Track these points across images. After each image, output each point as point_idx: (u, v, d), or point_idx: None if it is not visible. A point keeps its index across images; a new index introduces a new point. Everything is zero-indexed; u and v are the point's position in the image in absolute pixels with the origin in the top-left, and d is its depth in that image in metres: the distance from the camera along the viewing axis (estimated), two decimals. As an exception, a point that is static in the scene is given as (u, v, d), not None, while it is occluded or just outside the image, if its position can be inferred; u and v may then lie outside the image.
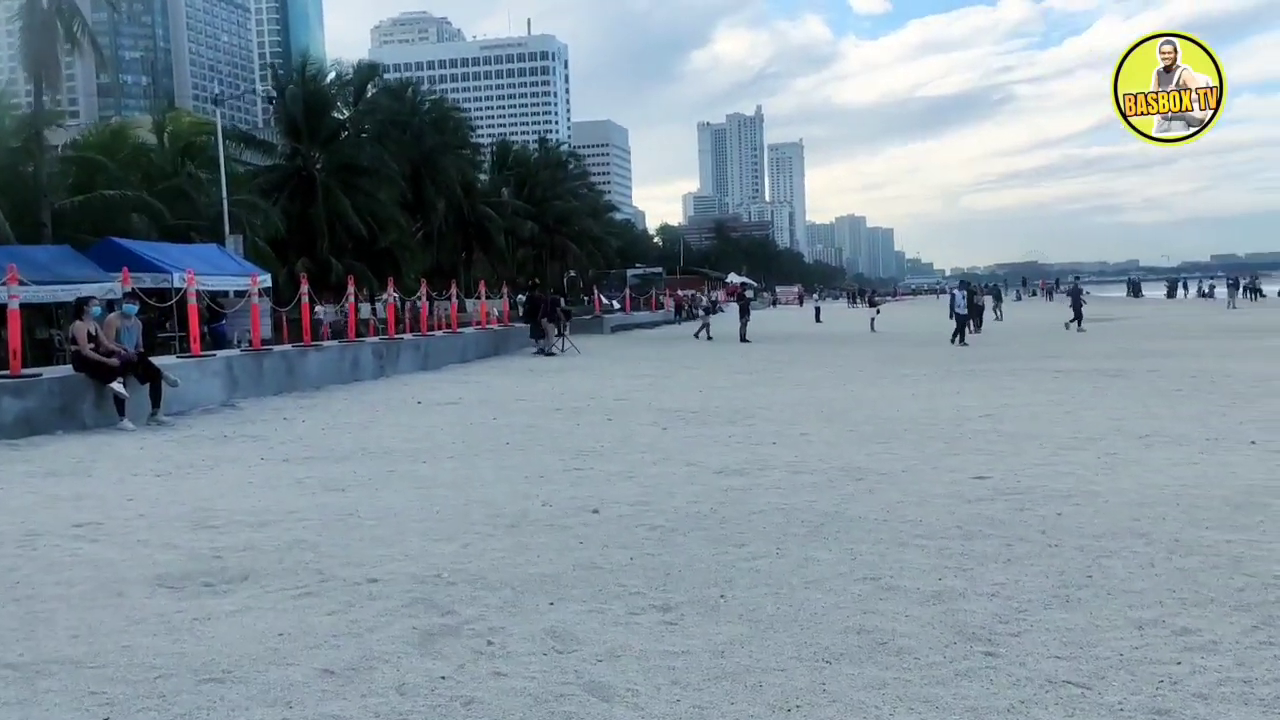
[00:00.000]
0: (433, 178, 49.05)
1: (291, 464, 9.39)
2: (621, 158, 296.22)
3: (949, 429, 10.31)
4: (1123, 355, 21.10)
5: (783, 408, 13.00)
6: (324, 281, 36.37)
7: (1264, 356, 19.62)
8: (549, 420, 12.43)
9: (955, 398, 13.46)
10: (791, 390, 15.43)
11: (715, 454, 9.18)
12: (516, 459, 9.34)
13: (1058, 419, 10.82)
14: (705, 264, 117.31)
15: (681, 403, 14.05)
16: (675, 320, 53.14)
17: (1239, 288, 60.18)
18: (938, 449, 8.94)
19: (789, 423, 11.47)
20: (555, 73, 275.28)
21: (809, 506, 6.65)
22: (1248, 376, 15.07)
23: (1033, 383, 15.30)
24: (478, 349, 24.83)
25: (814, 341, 31.46)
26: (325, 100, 41.52)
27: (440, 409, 13.98)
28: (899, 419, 11.31)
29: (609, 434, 11.02)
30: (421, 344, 22.11)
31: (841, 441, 9.70)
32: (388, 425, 12.33)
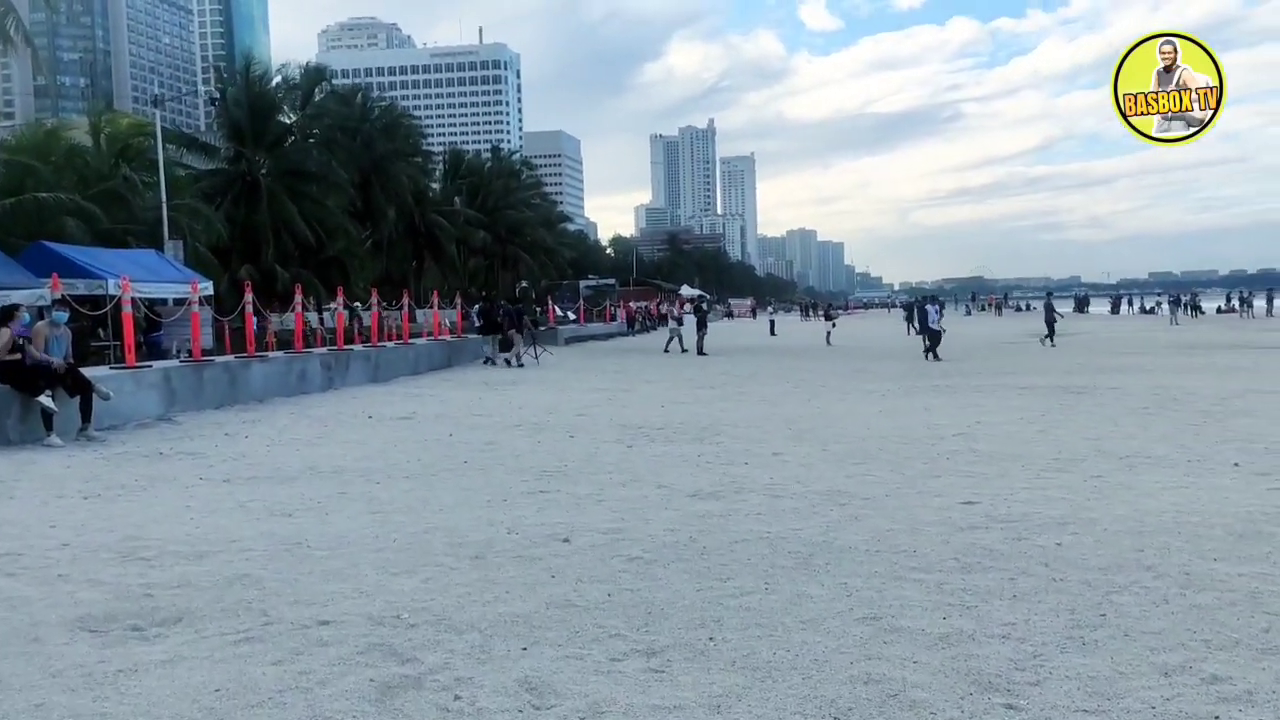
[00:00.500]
0: (383, 185, 48.23)
1: (233, 485, 8.80)
2: (574, 168, 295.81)
3: (925, 448, 9.97)
4: (1081, 371, 21.03)
5: (749, 424, 12.61)
6: (269, 290, 35.47)
7: (1217, 373, 19.65)
8: (509, 437, 11.92)
9: (924, 414, 13.15)
10: (756, 406, 15.05)
11: (686, 475, 8.74)
12: (477, 480, 8.83)
13: (1033, 438, 10.53)
14: (658, 275, 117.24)
15: (644, 418, 13.61)
16: (629, 332, 52.71)
17: (1180, 305, 61.18)
18: (918, 470, 8.57)
19: (758, 440, 11.07)
20: (507, 81, 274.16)
21: (794, 535, 6.23)
22: (1209, 394, 14.96)
23: (999, 399, 15.07)
24: (430, 360, 24.20)
25: (772, 355, 31.21)
26: (271, 103, 40.54)
27: (393, 424, 13.41)
28: (871, 437, 10.96)
29: (572, 452, 10.54)
30: (372, 355, 21.46)
31: (816, 462, 9.31)
32: (338, 442, 11.75)
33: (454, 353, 26.08)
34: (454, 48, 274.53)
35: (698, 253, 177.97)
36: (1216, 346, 31.61)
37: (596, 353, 33.54)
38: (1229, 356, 25.72)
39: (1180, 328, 51.74)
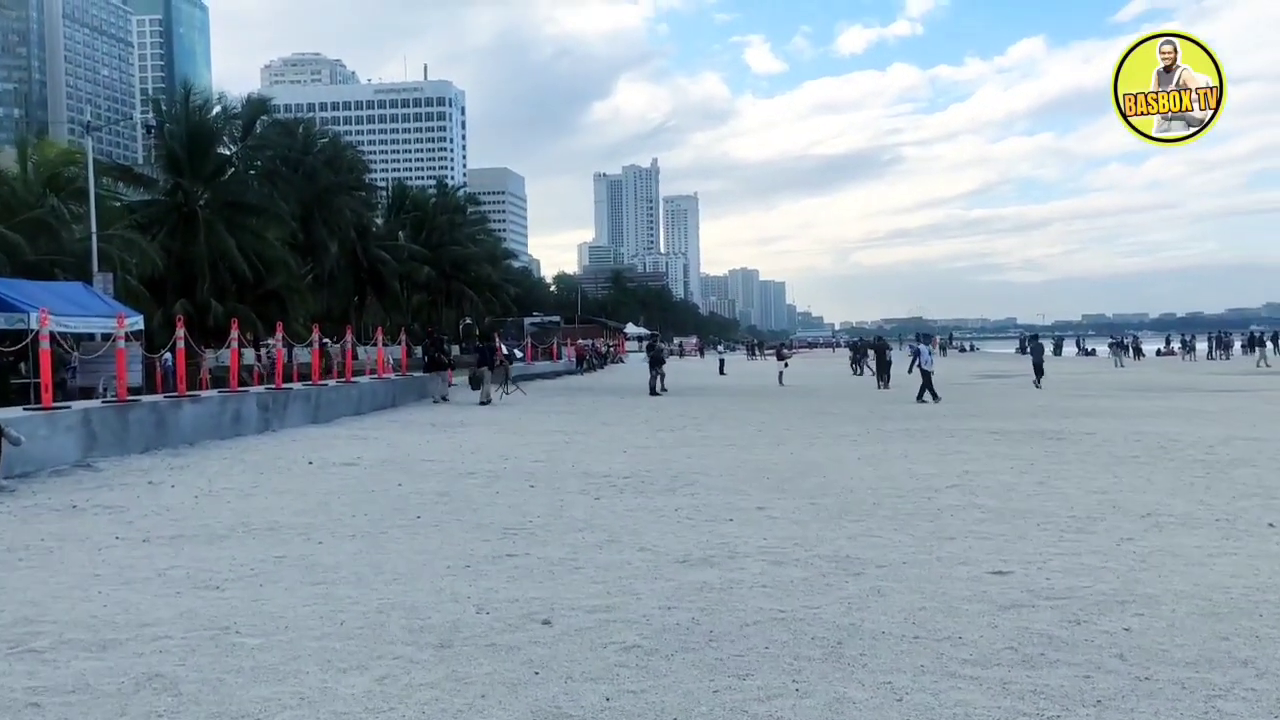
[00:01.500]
0: (325, 218, 46.92)
1: (153, 546, 7.72)
2: (518, 205, 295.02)
3: (922, 502, 9.17)
4: (1046, 414, 20.52)
5: (721, 473, 11.75)
6: (205, 325, 34.02)
7: (1184, 417, 19.25)
8: (464, 486, 10.92)
9: (906, 463, 12.40)
10: (724, 451, 14.20)
11: (669, 535, 7.84)
12: (433, 540, 7.84)
13: (1034, 491, 9.79)
14: (603, 313, 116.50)
15: (608, 465, 12.69)
16: (577, 370, 51.77)
17: (1124, 347, 61.83)
18: (926, 530, 7.75)
19: (736, 492, 10.21)
20: (451, 119, 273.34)
21: (813, 615, 5.35)
22: (1192, 441, 14.42)
23: (977, 445, 14.39)
24: (374, 400, 23.06)
25: (726, 395, 30.45)
26: (210, 133, 39.18)
27: (336, 471, 12.33)
28: (858, 489, 10.15)
29: (536, 505, 9.59)
30: (312, 394, 20.28)
31: (809, 519, 8.46)
32: (274, 492, 10.66)
33: (399, 391, 24.95)
34: (398, 84, 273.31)
35: (642, 291, 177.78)
36: (1170, 389, 31.51)
37: (546, 392, 32.54)
38: (1187, 399, 25.47)
39: (1125, 370, 52.11)
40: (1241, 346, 69.53)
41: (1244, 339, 74.05)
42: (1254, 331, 53.48)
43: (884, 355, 36.38)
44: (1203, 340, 67.00)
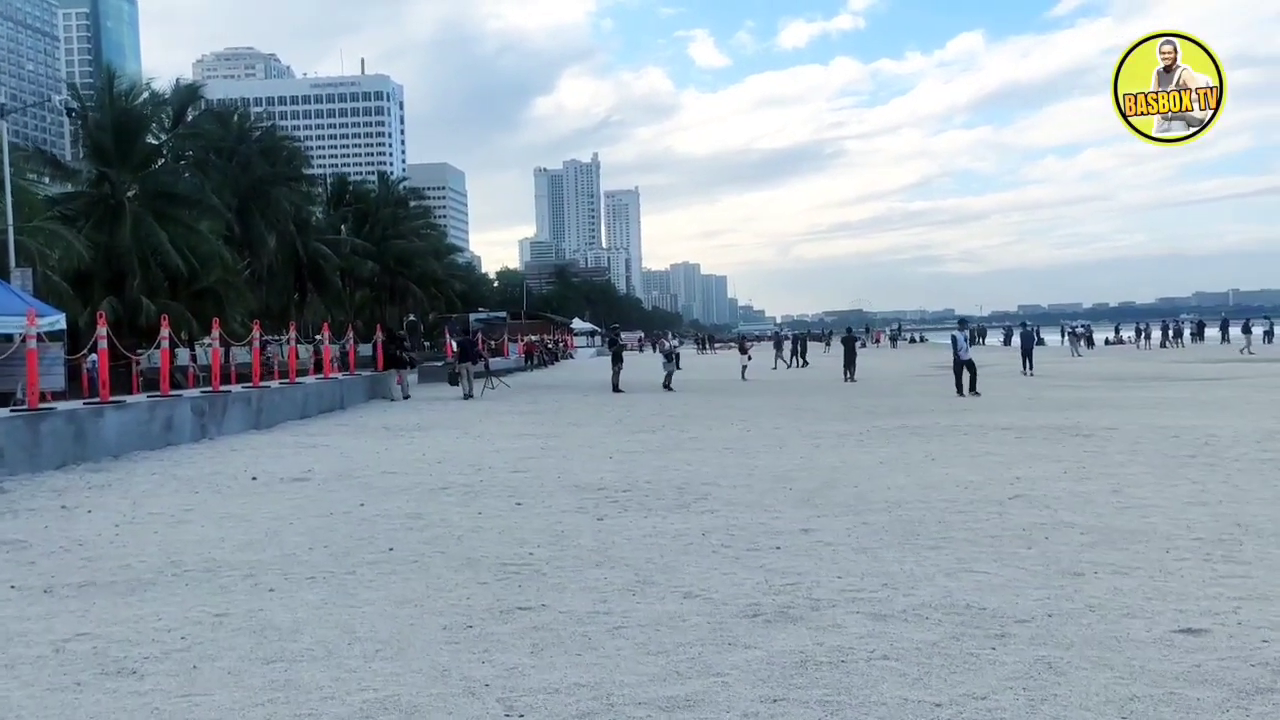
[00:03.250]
0: (262, 211, 44.70)
1: (55, 600, 6.02)
2: (458, 201, 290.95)
3: (996, 520, 7.74)
4: (1044, 407, 19.34)
5: (732, 483, 10.25)
6: (135, 324, 31.80)
7: (1197, 409, 18.18)
8: (438, 505, 9.29)
9: (937, 466, 11.00)
10: (721, 456, 12.71)
11: (712, 570, 6.31)
12: (416, 584, 6.23)
13: (1117, 503, 8.41)
14: (547, 309, 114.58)
15: (598, 474, 11.13)
16: (526, 367, 49.97)
17: (1079, 337, 61.81)
18: (1034, 562, 6.29)
19: (762, 508, 8.72)
20: (390, 113, 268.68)
21: (987, 713, 3.84)
22: (1234, 436, 13.24)
23: (999, 443, 13.05)
24: (320, 402, 21.22)
25: (690, 391, 28.95)
26: (138, 121, 36.82)
27: (285, 488, 10.61)
28: (906, 502, 8.70)
29: (531, 529, 8.00)
30: (253, 397, 18.42)
31: (873, 544, 6.98)
32: (212, 517, 8.95)
33: (347, 392, 23.11)
34: (335, 79, 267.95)
35: (586, 285, 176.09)
36: (1144, 378, 30.72)
37: (501, 389, 30.79)
38: (1175, 390, 24.55)
39: (1084, 359, 51.63)
40: (1190, 334, 70.48)
41: (1193, 326, 75.18)
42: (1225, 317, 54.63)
43: (852, 348, 35.34)
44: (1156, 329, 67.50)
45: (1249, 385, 24.94)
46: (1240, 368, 34.43)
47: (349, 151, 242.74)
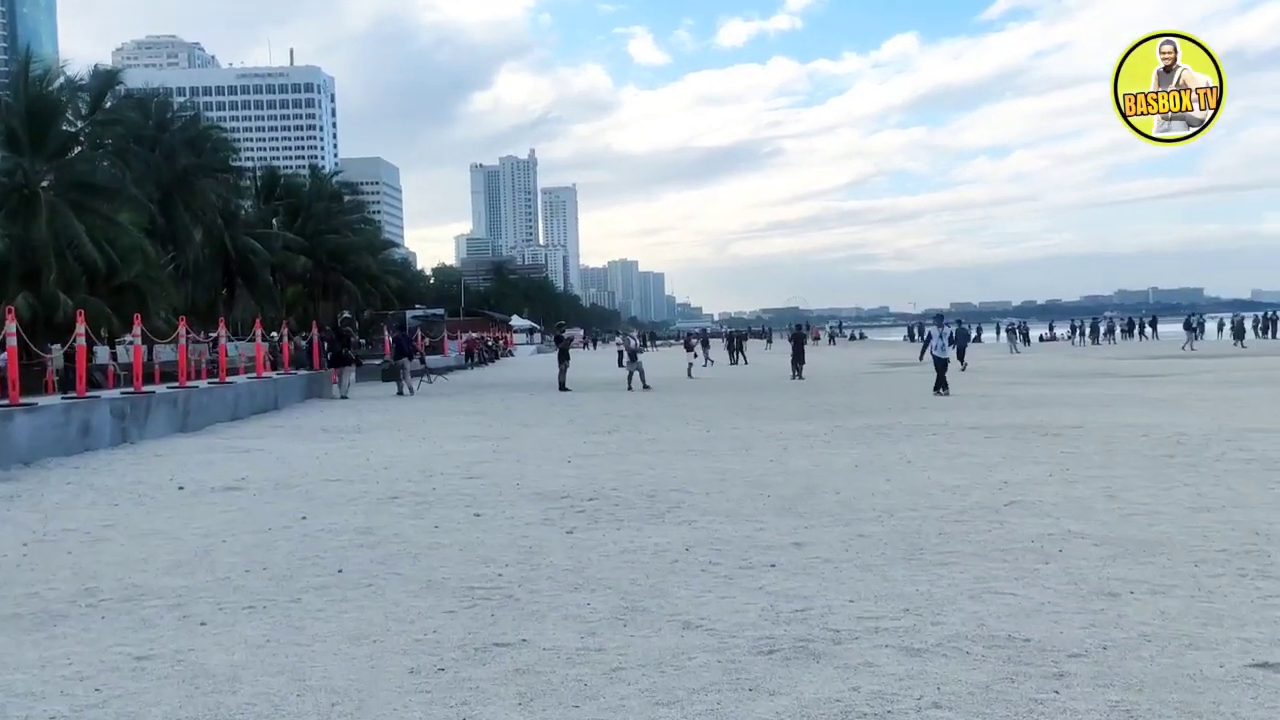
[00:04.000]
0: (187, 203, 42.94)
1: (-53, 642, 5.14)
2: (393, 197, 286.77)
3: (999, 531, 7.18)
4: (1001, 405, 19.03)
5: (706, 489, 9.59)
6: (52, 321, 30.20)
7: (1151, 406, 18.02)
8: (389, 518, 8.49)
9: (915, 470, 10.46)
10: (686, 459, 12.05)
11: (707, 594, 5.64)
12: (373, 613, 5.46)
13: (1118, 509, 7.91)
14: (485, 306, 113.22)
15: (557, 481, 10.40)
16: (466, 365, 48.97)
17: (1016, 334, 62.61)
18: (1058, 579, 5.71)
19: (743, 518, 8.07)
20: (321, 105, 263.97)
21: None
22: (1204, 435, 12.94)
23: (971, 444, 12.58)
24: (253, 402, 20.15)
25: (637, 390, 28.32)
26: (53, 107, 34.94)
27: (216, 499, 9.72)
28: (896, 510, 8.12)
29: (494, 545, 7.26)
30: (179, 398, 17.33)
31: (876, 560, 6.36)
32: (134, 534, 8.06)
33: (282, 392, 22.04)
34: (262, 68, 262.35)
35: (524, 283, 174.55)
36: (1088, 374, 30.84)
37: (442, 388, 29.87)
38: (1123, 386, 24.54)
39: (1023, 355, 52.07)
40: (1121, 331, 71.97)
41: (1123, 324, 76.83)
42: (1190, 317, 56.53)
43: (801, 345, 35.05)
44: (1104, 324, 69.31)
45: (1192, 381, 25.01)
46: (1176, 364, 34.77)
47: (278, 145, 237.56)
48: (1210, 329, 66.80)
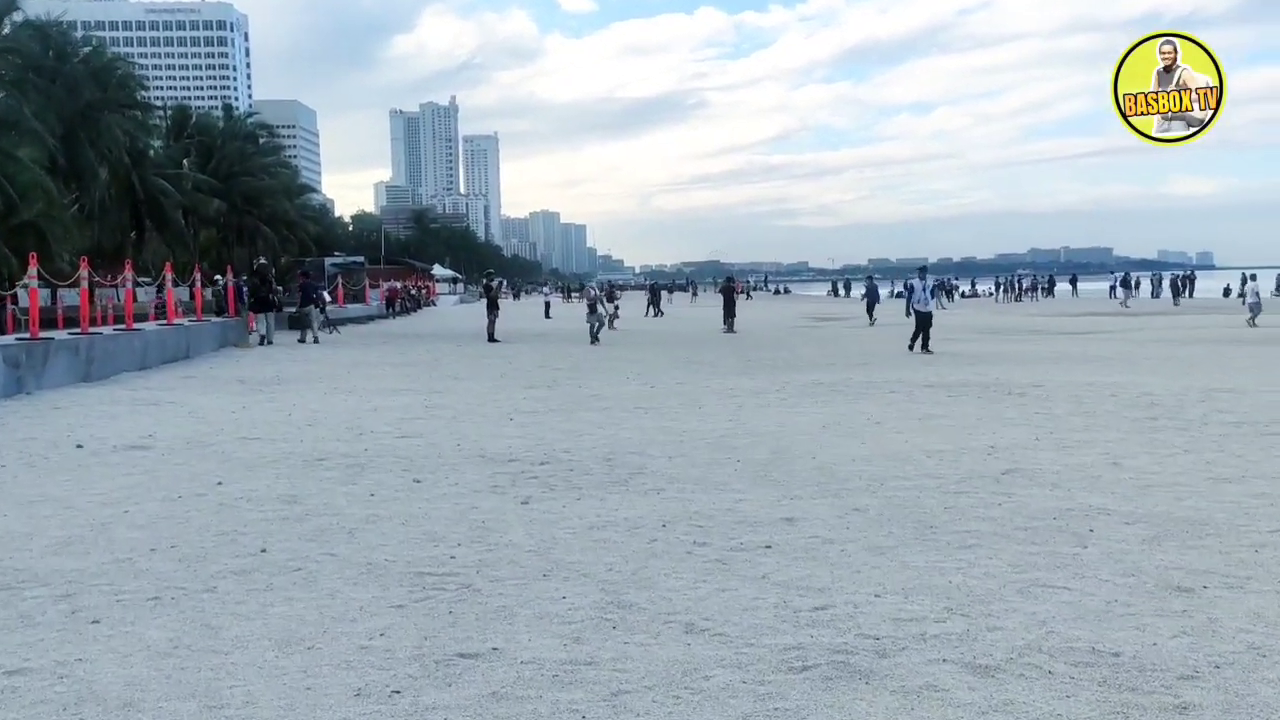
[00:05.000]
0: (92, 140, 40.52)
1: None
2: (309, 141, 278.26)
3: (1003, 500, 6.51)
4: (946, 362, 18.55)
5: (667, 452, 8.80)
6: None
7: (1100, 365, 17.73)
8: (317, 484, 7.53)
9: (885, 431, 9.80)
10: (637, 417, 11.24)
11: (700, 584, 4.85)
12: (305, 609, 4.56)
13: (1127, 478, 7.31)
14: (406, 254, 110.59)
15: (502, 441, 9.51)
16: (388, 315, 47.40)
17: (941, 291, 62.95)
18: (1100, 564, 5.03)
19: (715, 485, 7.30)
20: (234, 44, 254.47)
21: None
22: (1173, 396, 12.54)
23: (935, 403, 11.99)
24: (163, 351, 18.78)
25: (568, 342, 27.39)
26: (-57, 32, 32.55)
27: (119, 460, 8.63)
28: (885, 480, 7.41)
29: (441, 518, 6.38)
30: (82, 345, 15.95)
31: (880, 539, 5.63)
32: (19, 502, 6.99)
33: (194, 340, 20.64)
34: (172, 3, 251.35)
35: (446, 232, 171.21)
36: (1021, 331, 30.77)
37: (365, 339, 28.56)
38: (1062, 343, 24.33)
39: (950, 311, 52.25)
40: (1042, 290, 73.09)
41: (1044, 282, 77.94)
42: (1123, 275, 58.15)
43: (731, 298, 34.50)
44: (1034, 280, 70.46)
45: (1127, 340, 24.97)
46: (1103, 322, 35.01)
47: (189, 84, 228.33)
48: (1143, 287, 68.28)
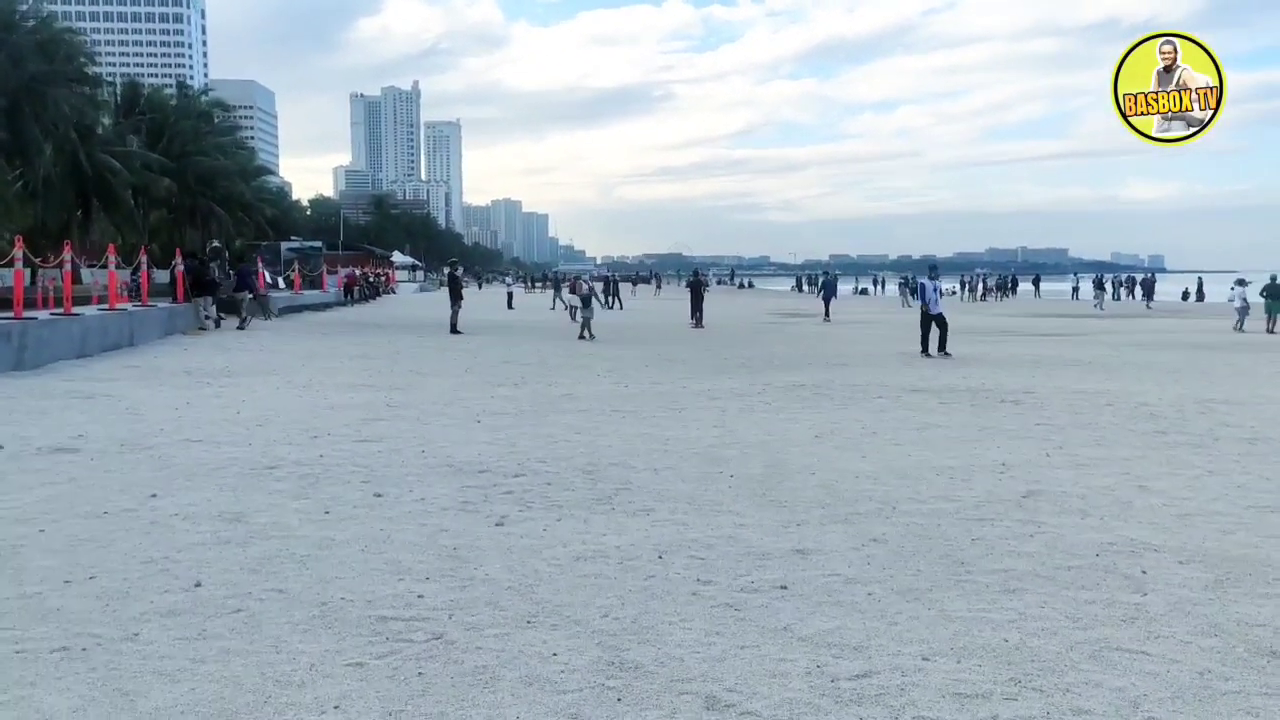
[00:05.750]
0: (37, 114, 38.95)
1: None
2: (267, 123, 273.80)
3: (1035, 533, 5.87)
4: (926, 364, 18.01)
5: (649, 463, 8.08)
6: None
7: (1084, 370, 17.25)
8: (265, 498, 6.72)
9: (883, 442, 9.15)
10: (615, 422, 10.50)
11: (712, 636, 4.13)
12: (243, 670, 3.78)
13: (1146, 500, 6.72)
14: (365, 240, 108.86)
15: (471, 448, 8.74)
16: (346, 302, 46.23)
17: (907, 288, 62.77)
18: (1172, 619, 4.39)
19: (711, 505, 6.59)
20: (190, 21, 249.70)
21: None
22: (1170, 405, 12.04)
23: (927, 410, 11.37)
24: (104, 338, 17.73)
25: (534, 334, 26.61)
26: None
27: (42, 466, 7.75)
28: (894, 501, 6.74)
29: (405, 543, 5.61)
30: (14, 331, 14.91)
31: (911, 580, 4.95)
32: (-80, 518, 6.12)
33: (138, 326, 19.58)
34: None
35: (406, 218, 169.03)
36: (992, 332, 30.43)
37: (322, 327, 27.49)
38: (1038, 346, 23.91)
39: (914, 310, 51.91)
40: (1006, 289, 73.08)
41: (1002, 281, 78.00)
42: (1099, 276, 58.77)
43: (699, 292, 33.87)
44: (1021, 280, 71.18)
45: (1101, 343, 24.59)
46: (1070, 324, 34.79)
47: (142, 62, 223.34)
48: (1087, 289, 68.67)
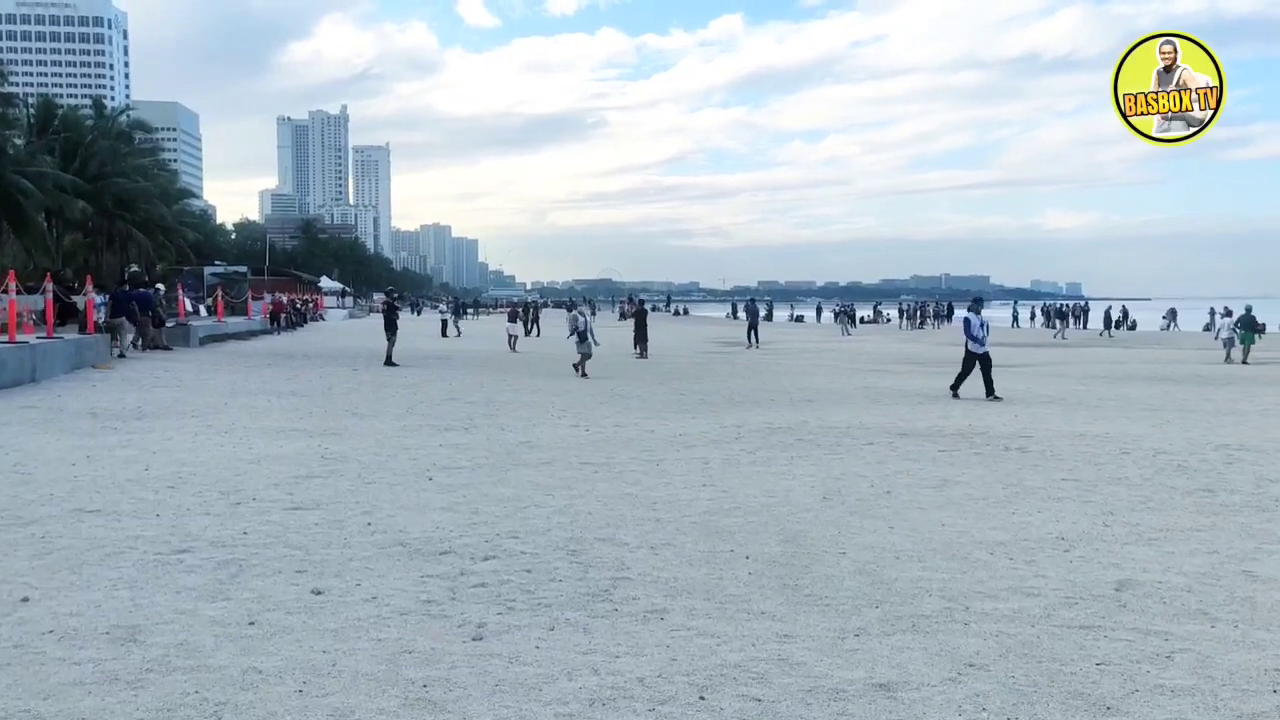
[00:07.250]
0: (-60, 130, 36.67)
1: None
2: (191, 145, 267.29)
3: (1158, 644, 4.72)
4: (895, 400, 17.01)
5: (644, 540, 6.80)
6: None
7: (1070, 409, 16.43)
8: (170, 599, 5.29)
9: (901, 505, 7.97)
10: (591, 481, 9.18)
11: None
12: None
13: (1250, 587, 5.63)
14: (292, 265, 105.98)
15: (424, 515, 7.37)
16: (272, 330, 44.18)
17: (847, 316, 62.66)
18: None
19: (736, 604, 5.33)
20: (112, 42, 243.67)
21: None
22: (1179, 449, 11.11)
23: (932, 461, 10.25)
24: (2, 375, 15.93)
25: (472, 366, 25.13)
26: None
27: (-113, 553, 6.21)
28: (952, 592, 5.55)
29: (357, 672, 4.26)
30: (-110, 370, 13.12)
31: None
32: None
33: (41, 361, 17.75)
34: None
35: (334, 243, 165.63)
36: (939, 363, 29.62)
37: (247, 359, 25.62)
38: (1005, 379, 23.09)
39: (854, 338, 51.39)
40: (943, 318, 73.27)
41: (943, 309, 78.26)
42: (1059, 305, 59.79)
43: (643, 321, 32.69)
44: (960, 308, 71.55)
45: (1065, 376, 23.92)
46: (1018, 354, 34.18)
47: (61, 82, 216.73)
48: (1024, 317, 69.23)
